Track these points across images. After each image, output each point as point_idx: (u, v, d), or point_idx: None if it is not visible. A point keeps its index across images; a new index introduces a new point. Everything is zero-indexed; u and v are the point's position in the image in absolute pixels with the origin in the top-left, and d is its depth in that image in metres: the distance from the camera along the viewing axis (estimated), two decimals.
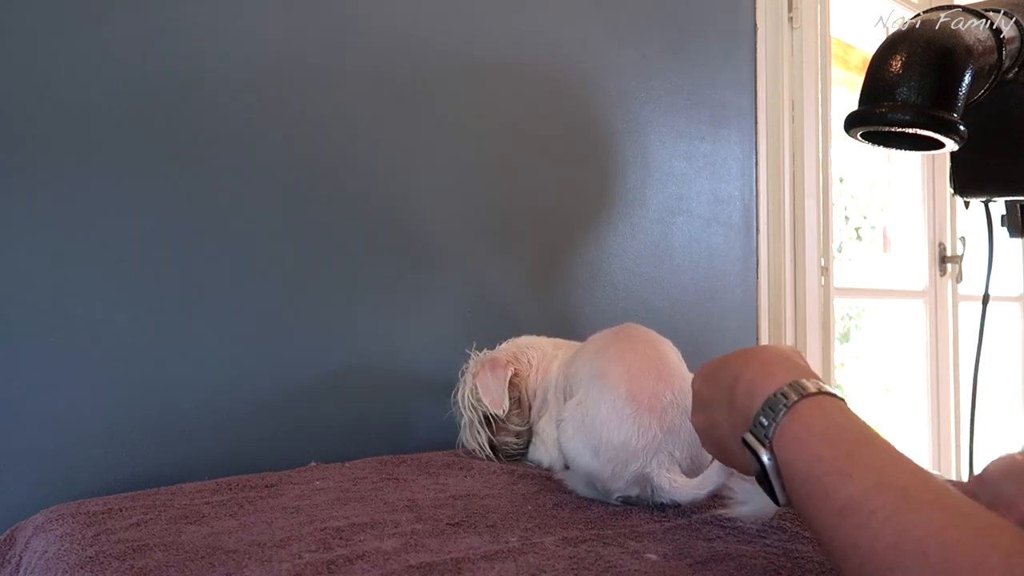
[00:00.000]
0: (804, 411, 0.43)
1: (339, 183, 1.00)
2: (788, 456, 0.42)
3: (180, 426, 0.87)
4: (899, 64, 0.71)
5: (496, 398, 0.87)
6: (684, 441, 0.66)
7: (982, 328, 1.11)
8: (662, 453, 0.65)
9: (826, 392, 0.44)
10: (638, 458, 0.65)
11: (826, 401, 0.43)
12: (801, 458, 0.41)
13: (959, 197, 0.97)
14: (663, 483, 0.64)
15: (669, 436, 0.66)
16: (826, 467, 0.40)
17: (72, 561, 0.56)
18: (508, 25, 1.18)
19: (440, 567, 0.51)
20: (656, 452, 0.65)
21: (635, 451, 0.65)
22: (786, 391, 0.44)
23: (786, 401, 0.43)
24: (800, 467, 0.41)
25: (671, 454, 0.66)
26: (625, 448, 0.65)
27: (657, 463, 0.65)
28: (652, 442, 0.65)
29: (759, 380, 0.47)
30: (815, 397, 0.43)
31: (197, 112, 0.89)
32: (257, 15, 0.94)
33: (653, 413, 0.66)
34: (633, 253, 1.32)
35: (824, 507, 0.39)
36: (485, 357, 0.92)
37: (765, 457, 0.43)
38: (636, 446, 0.65)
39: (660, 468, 0.65)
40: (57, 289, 0.80)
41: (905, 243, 2.11)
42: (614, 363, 0.71)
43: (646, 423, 0.66)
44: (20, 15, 0.78)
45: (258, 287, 0.93)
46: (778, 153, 1.58)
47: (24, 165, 0.79)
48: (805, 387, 0.44)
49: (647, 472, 0.65)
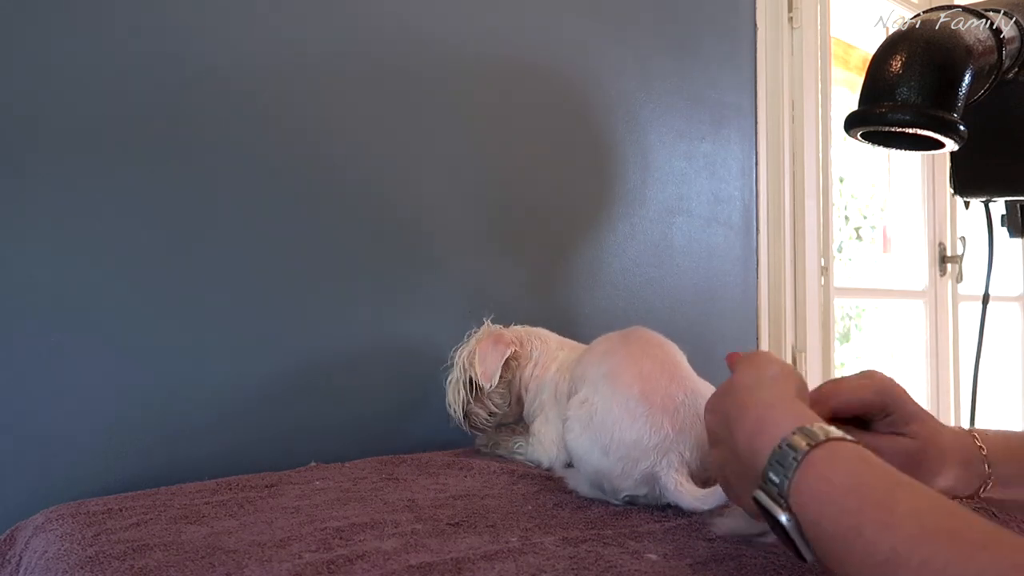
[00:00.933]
0: (818, 462, 0.40)
1: (339, 183, 1.00)
2: (811, 514, 0.39)
3: (180, 426, 0.87)
4: (899, 64, 0.70)
5: (488, 371, 0.89)
6: (695, 442, 0.66)
7: (982, 328, 1.11)
8: (672, 453, 0.65)
9: (836, 437, 0.41)
10: (648, 457, 0.65)
11: (839, 447, 0.40)
12: (827, 516, 0.38)
13: (959, 197, 0.97)
14: (669, 483, 0.64)
15: (681, 436, 0.66)
16: (858, 520, 0.36)
17: (72, 561, 0.56)
18: (508, 25, 1.18)
19: (440, 567, 0.51)
20: (667, 452, 0.65)
21: (646, 450, 0.65)
22: (793, 442, 0.41)
23: (795, 453, 0.40)
24: (827, 525, 0.38)
25: (681, 454, 0.65)
26: (636, 446, 0.65)
27: (667, 463, 0.65)
28: (664, 441, 0.65)
29: (760, 429, 0.43)
30: (827, 444, 0.40)
31: (197, 111, 0.89)
32: (258, 14, 0.94)
33: (666, 413, 0.66)
34: (633, 253, 1.32)
35: (865, 563, 0.36)
36: (494, 329, 0.94)
37: (784, 518, 0.40)
38: (647, 445, 0.65)
39: (669, 468, 0.65)
40: (57, 289, 0.80)
41: (905, 243, 2.11)
42: (625, 364, 0.71)
43: (659, 422, 0.66)
44: (20, 15, 0.78)
45: (258, 287, 0.93)
46: (778, 153, 1.58)
47: (24, 165, 0.79)
48: (814, 434, 0.41)
49: (656, 471, 0.65)
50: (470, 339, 0.94)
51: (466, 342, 0.94)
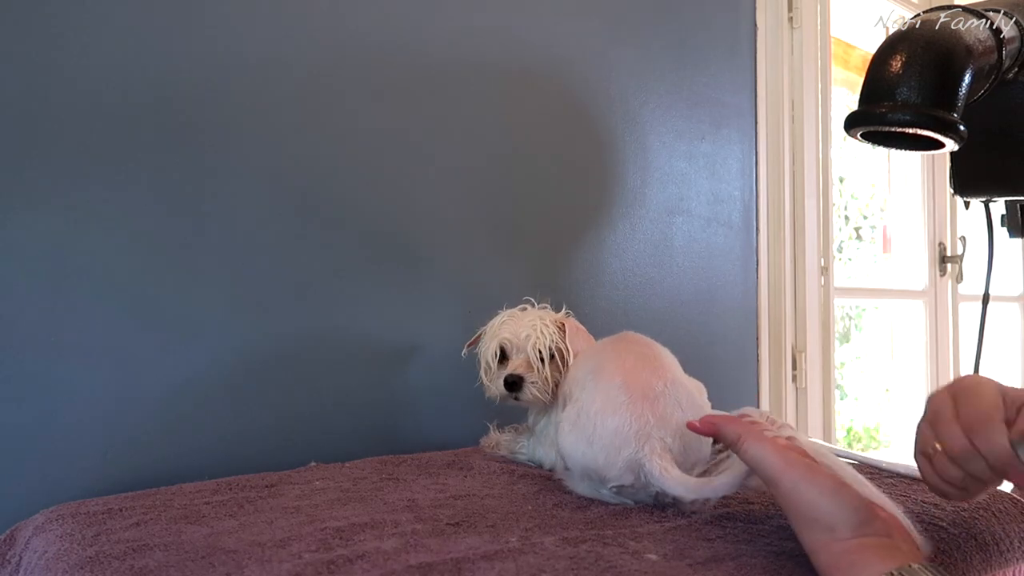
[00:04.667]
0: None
1: (339, 183, 1.00)
2: None
3: (180, 426, 0.87)
4: (899, 64, 0.70)
5: (577, 348, 0.85)
6: (675, 430, 0.67)
7: (982, 328, 1.11)
8: (654, 439, 0.66)
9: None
10: (630, 444, 0.66)
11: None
12: None
13: (959, 197, 0.97)
14: (654, 469, 0.65)
15: (661, 423, 0.67)
16: None
17: (72, 561, 0.56)
18: (508, 25, 1.18)
19: (440, 567, 0.51)
20: (648, 438, 0.66)
21: (627, 437, 0.66)
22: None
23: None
24: None
25: (663, 440, 0.66)
26: (618, 434, 0.66)
27: (649, 449, 0.65)
28: (644, 427, 0.66)
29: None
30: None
31: (195, 112, 0.89)
32: (257, 16, 0.94)
33: (646, 400, 0.67)
34: (633, 253, 1.32)
35: None
36: (577, 321, 0.91)
37: None
38: (628, 432, 0.66)
39: (652, 454, 0.65)
40: (57, 289, 0.80)
41: (905, 243, 2.11)
42: (610, 360, 0.73)
43: (639, 409, 0.67)
44: (20, 15, 0.78)
45: (258, 288, 0.93)
46: (778, 153, 1.58)
47: (24, 165, 0.79)
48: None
49: (639, 458, 0.65)
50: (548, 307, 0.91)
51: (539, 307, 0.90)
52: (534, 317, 0.89)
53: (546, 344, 0.86)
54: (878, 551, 0.48)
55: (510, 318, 0.90)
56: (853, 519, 0.49)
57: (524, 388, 0.86)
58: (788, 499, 0.53)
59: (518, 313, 0.90)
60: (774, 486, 0.54)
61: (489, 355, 0.89)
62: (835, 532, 0.50)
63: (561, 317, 0.90)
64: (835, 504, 0.50)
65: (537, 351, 0.86)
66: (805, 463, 0.53)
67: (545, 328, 0.87)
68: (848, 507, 0.50)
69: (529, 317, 0.89)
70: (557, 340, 0.87)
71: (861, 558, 0.47)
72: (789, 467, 0.53)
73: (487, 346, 0.89)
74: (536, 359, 0.86)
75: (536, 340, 0.86)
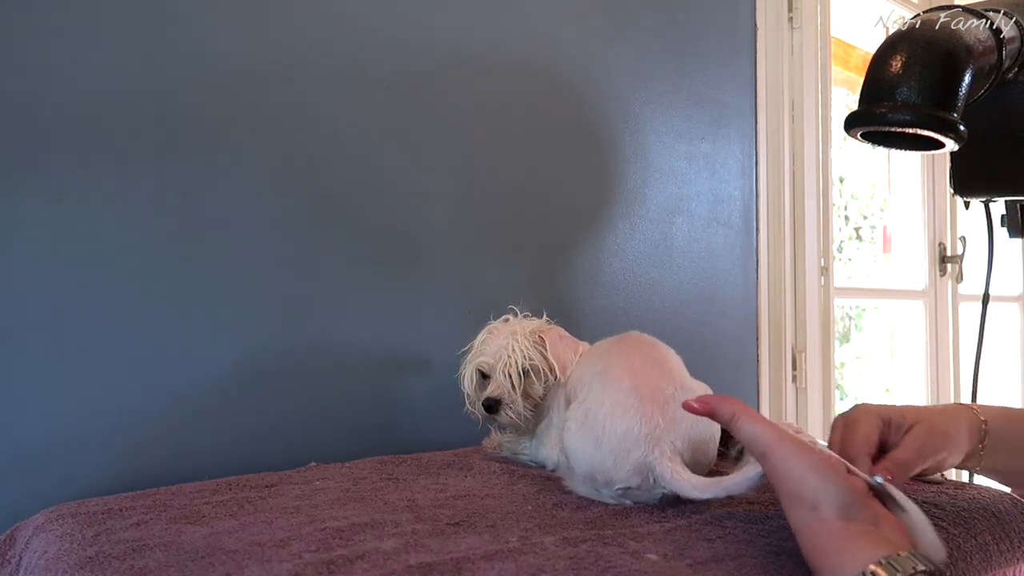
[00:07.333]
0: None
1: (339, 184, 1.00)
2: None
3: (180, 426, 0.87)
4: (899, 64, 0.70)
5: (563, 363, 0.83)
6: (684, 434, 0.67)
7: (982, 328, 1.11)
8: (664, 442, 0.66)
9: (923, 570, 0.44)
10: (640, 447, 0.66)
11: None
12: None
13: (959, 197, 0.97)
14: (664, 472, 0.65)
15: (671, 426, 0.67)
16: None
17: (72, 561, 0.56)
18: (508, 25, 1.18)
19: (440, 567, 0.51)
20: (658, 441, 0.66)
21: (637, 440, 0.66)
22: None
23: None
24: None
25: (672, 443, 0.66)
26: (627, 437, 0.66)
27: (659, 452, 0.65)
28: (654, 431, 0.66)
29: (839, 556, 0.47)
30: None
31: (194, 112, 0.89)
32: (257, 16, 0.94)
33: (656, 404, 0.67)
34: (633, 253, 1.32)
35: None
36: (559, 329, 0.88)
37: None
38: (638, 435, 0.66)
39: (662, 457, 0.65)
40: (57, 288, 0.80)
41: (905, 243, 2.11)
42: (617, 362, 0.73)
43: (648, 412, 0.67)
44: (21, 14, 0.78)
45: (258, 288, 0.93)
46: (778, 153, 1.58)
47: (24, 165, 0.79)
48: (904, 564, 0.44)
49: (649, 461, 0.66)
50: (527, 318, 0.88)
51: (522, 318, 0.89)
52: (508, 334, 0.86)
53: (517, 363, 0.84)
54: (864, 537, 0.47)
55: (489, 335, 0.88)
56: (838, 499, 0.49)
57: (501, 412, 0.85)
58: (776, 473, 0.53)
59: (497, 327, 0.88)
60: (765, 460, 0.54)
61: (466, 382, 0.88)
62: (819, 511, 0.50)
63: (541, 327, 0.87)
64: (820, 480, 0.50)
65: (507, 375, 0.84)
66: (797, 440, 0.53)
67: (516, 345, 0.84)
68: (833, 485, 0.50)
69: (504, 334, 0.86)
70: (531, 356, 0.84)
71: (849, 544, 0.47)
72: (780, 441, 0.53)
73: (466, 371, 0.89)
74: (507, 383, 0.84)
75: (506, 362, 0.84)
